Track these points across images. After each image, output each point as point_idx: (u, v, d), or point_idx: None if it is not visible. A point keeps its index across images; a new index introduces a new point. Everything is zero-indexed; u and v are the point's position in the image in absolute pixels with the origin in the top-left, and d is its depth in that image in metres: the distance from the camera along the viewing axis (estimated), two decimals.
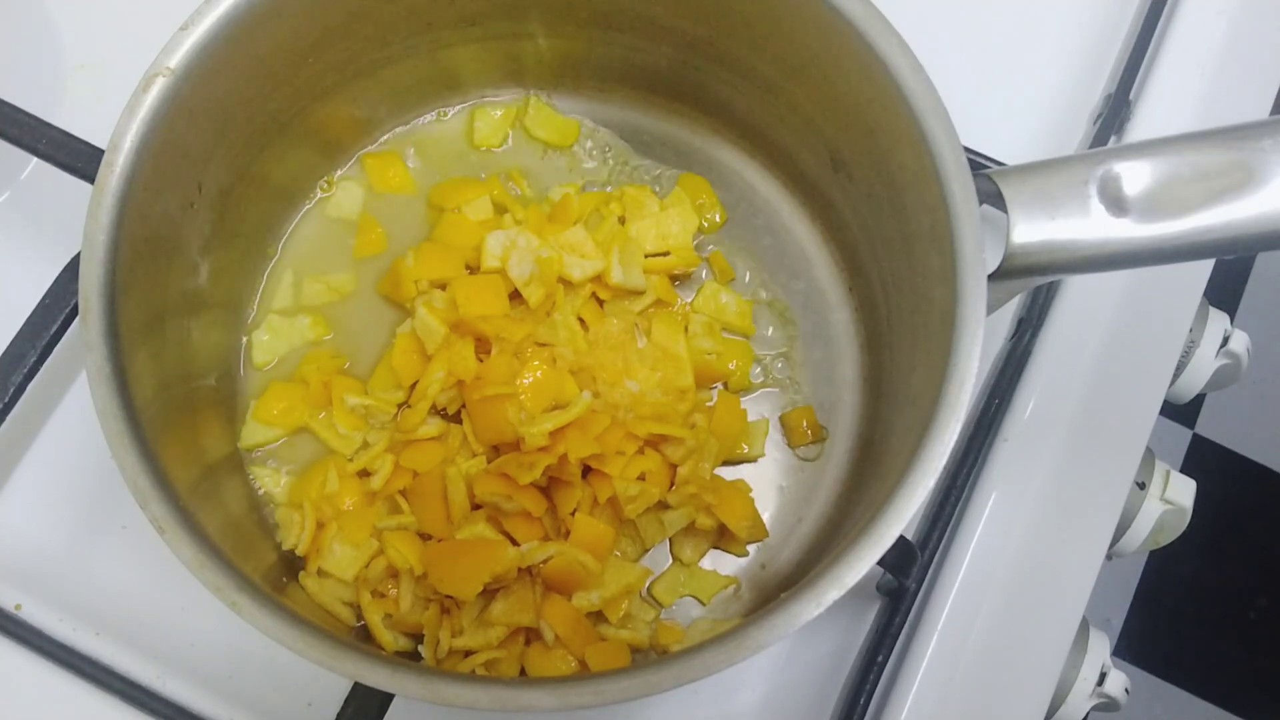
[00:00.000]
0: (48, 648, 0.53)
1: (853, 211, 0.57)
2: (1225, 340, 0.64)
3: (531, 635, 0.51)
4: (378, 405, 0.54)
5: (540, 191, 0.61)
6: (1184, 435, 1.42)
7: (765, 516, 0.55)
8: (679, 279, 0.59)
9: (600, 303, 0.57)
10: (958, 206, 0.45)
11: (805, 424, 0.57)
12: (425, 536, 0.53)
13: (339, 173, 0.61)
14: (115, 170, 0.45)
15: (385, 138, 0.62)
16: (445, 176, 0.61)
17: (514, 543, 0.51)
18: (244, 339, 0.57)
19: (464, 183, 0.60)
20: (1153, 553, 0.63)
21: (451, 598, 0.51)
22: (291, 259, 0.59)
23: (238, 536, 0.50)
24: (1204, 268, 0.62)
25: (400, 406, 0.55)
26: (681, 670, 0.40)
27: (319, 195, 0.60)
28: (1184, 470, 0.61)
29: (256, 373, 0.57)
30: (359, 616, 0.51)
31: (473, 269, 0.56)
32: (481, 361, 0.54)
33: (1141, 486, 0.60)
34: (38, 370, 0.52)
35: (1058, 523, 0.58)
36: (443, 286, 0.56)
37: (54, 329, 0.51)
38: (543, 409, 0.52)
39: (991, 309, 0.45)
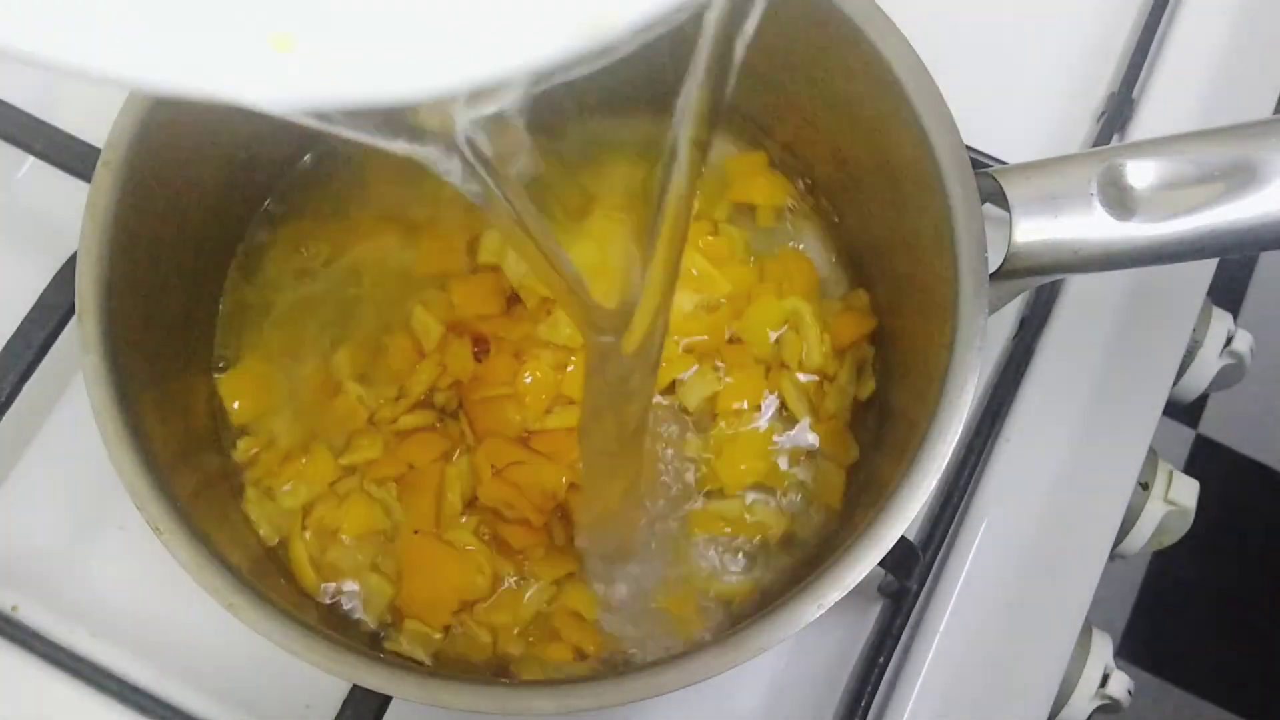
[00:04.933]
0: (44, 649, 0.52)
1: (853, 210, 0.56)
2: (1229, 340, 0.64)
3: None
4: (374, 402, 0.54)
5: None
6: (1187, 435, 1.41)
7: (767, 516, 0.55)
8: None
9: None
10: (959, 205, 0.45)
11: None
12: None
13: None
14: (112, 169, 0.45)
15: None
16: None
17: (511, 548, 0.51)
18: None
19: None
20: (1156, 554, 0.63)
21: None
22: None
23: (236, 538, 0.50)
24: (1207, 267, 0.62)
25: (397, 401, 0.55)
26: (682, 672, 0.40)
27: None
28: (1187, 471, 0.61)
29: None
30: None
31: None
32: (481, 361, 0.53)
33: (1144, 487, 0.60)
34: (34, 370, 0.51)
35: (1060, 523, 0.57)
36: (441, 285, 0.56)
37: (50, 329, 0.51)
38: (544, 408, 0.52)
39: (993, 309, 0.45)
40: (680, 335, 0.54)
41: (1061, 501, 0.58)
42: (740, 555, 0.53)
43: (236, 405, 0.54)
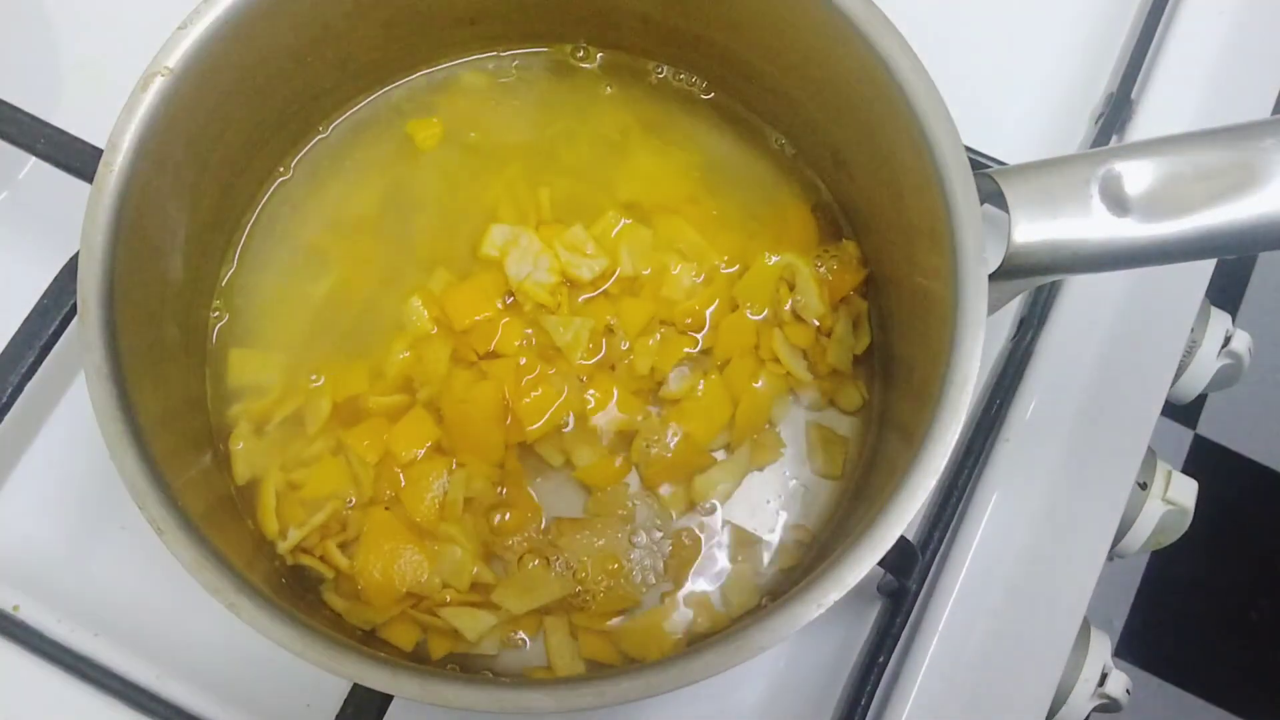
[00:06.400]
0: (46, 649, 0.53)
1: (853, 211, 0.56)
2: (1227, 340, 0.64)
3: None
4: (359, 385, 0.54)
5: None
6: (1185, 435, 1.42)
7: (770, 516, 0.55)
8: None
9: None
10: (958, 206, 0.45)
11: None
12: None
13: None
14: (114, 170, 0.45)
15: None
16: None
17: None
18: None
19: None
20: (1154, 553, 0.63)
21: None
22: None
23: (237, 538, 0.50)
24: (1206, 267, 0.62)
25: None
26: (681, 671, 0.40)
27: None
28: (1185, 471, 0.61)
29: None
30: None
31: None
32: (474, 365, 0.54)
33: (1143, 487, 0.60)
34: (36, 370, 0.52)
35: (1059, 523, 0.57)
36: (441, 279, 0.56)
37: (52, 329, 0.51)
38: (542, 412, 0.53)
39: (993, 309, 0.45)
40: (679, 314, 0.55)
41: (1060, 501, 0.58)
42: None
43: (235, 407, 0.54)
